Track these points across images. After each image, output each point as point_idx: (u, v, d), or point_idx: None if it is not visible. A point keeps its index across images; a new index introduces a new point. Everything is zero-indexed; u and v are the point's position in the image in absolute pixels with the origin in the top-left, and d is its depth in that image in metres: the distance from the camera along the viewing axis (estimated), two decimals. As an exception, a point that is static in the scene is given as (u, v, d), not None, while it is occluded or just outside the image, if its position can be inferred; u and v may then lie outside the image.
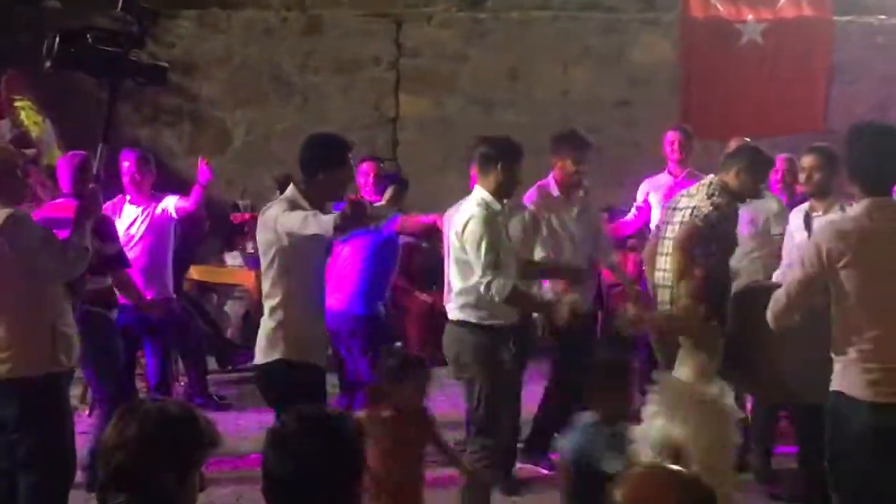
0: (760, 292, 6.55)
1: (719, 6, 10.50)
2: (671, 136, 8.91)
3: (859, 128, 5.20)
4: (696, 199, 6.91)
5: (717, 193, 6.84)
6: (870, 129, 5.21)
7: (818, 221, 6.88)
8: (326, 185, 5.82)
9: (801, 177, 7.45)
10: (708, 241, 6.79)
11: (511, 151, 6.44)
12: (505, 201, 6.49)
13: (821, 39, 10.52)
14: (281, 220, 5.60)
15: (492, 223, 6.23)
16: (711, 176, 7.11)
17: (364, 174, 8.40)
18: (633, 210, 9.20)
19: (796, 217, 7.29)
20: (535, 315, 7.40)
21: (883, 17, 12.81)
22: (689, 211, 6.86)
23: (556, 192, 7.56)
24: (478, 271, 6.18)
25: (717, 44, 10.40)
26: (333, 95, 13.26)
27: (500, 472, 6.82)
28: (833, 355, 5.08)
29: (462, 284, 6.31)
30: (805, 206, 7.26)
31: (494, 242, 6.20)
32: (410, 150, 12.75)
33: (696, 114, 10.02)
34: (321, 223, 5.43)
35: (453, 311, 6.44)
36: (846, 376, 5.00)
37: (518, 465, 7.69)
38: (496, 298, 6.17)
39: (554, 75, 13.07)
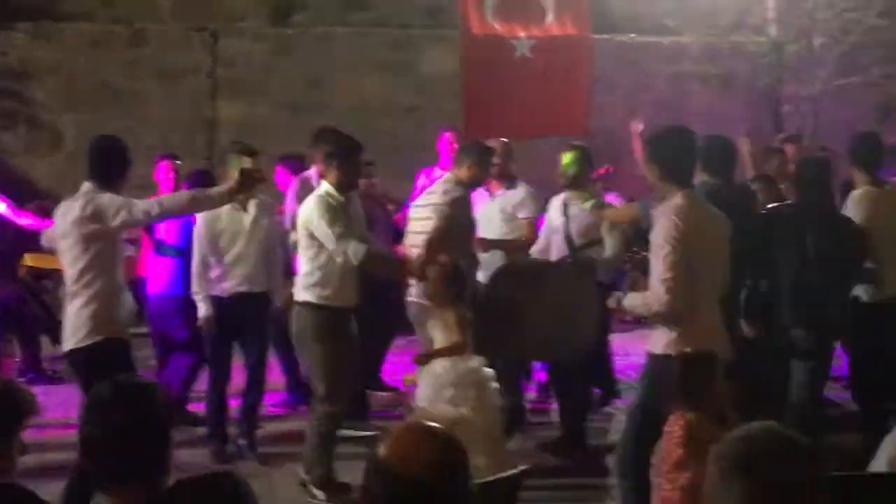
0: (513, 269, 7.07)
1: (495, 24, 10.13)
2: (447, 136, 9.09)
3: (661, 133, 5.30)
4: (434, 196, 6.85)
5: (452, 189, 6.77)
6: (671, 134, 5.28)
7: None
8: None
9: (559, 171, 7.59)
10: (449, 230, 6.70)
11: (349, 149, 6.40)
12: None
13: (582, 55, 10.19)
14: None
15: (334, 205, 6.16)
16: (447, 173, 7.10)
17: (164, 171, 8.23)
18: None
19: (555, 204, 7.39)
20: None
21: (633, 35, 13.37)
22: (429, 208, 6.78)
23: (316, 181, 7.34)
24: (331, 245, 6.11)
25: (493, 57, 10.02)
26: (156, 101, 13.19)
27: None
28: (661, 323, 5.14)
29: (308, 266, 6.19)
30: (563, 195, 7.36)
31: (339, 217, 6.14)
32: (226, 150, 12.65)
33: (476, 118, 9.75)
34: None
35: (300, 291, 6.25)
36: (680, 341, 5.02)
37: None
38: (354, 261, 6.12)
39: (352, 84, 13.27)
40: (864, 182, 6.86)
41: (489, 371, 5.97)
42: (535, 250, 7.57)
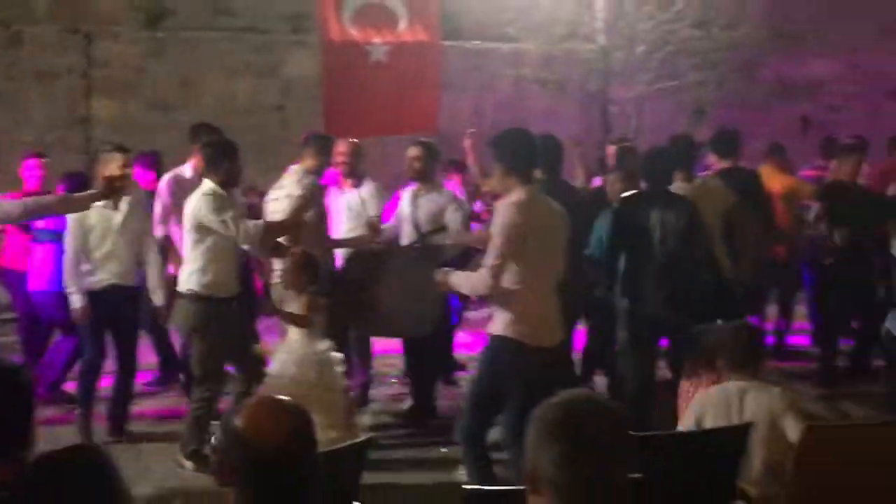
0: (363, 254, 7.20)
1: (352, 31, 10.09)
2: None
3: (503, 134, 5.29)
4: (287, 188, 6.83)
5: (302, 178, 6.83)
6: (509, 134, 5.31)
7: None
8: None
9: (407, 164, 7.61)
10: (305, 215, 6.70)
11: (232, 151, 6.35)
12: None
13: (432, 59, 10.29)
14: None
15: (222, 195, 6.14)
16: (295, 166, 7.08)
17: (29, 168, 8.03)
18: None
19: (405, 196, 7.44)
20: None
21: (478, 42, 13.41)
22: (282, 200, 6.79)
23: (189, 175, 7.19)
24: (230, 231, 6.10)
25: (350, 61, 10.00)
26: (33, 100, 12.83)
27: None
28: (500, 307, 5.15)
29: (193, 256, 6.14)
30: (412, 187, 7.41)
31: (227, 206, 6.13)
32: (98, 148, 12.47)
33: (336, 117, 9.71)
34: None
35: (182, 282, 6.22)
36: (511, 323, 5.08)
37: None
38: (252, 240, 6.24)
39: (220, 85, 13.15)
40: (679, 178, 7.02)
41: (335, 354, 6.02)
42: (386, 237, 7.53)
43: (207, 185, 6.20)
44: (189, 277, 6.12)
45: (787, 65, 14.26)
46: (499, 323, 5.11)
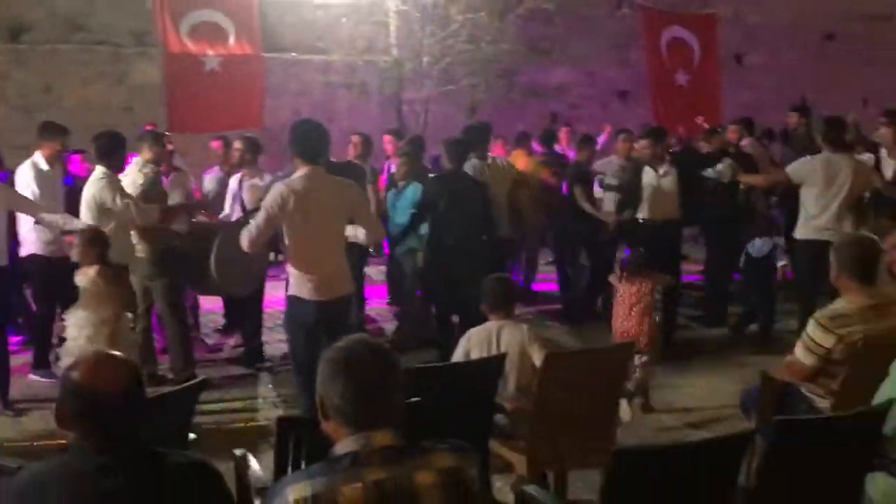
0: (197, 230, 6.93)
1: (189, 44, 10.27)
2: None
3: (297, 124, 5.13)
4: (130, 175, 6.50)
5: (143, 167, 6.59)
6: (302, 124, 5.15)
7: (246, 184, 7.28)
8: None
9: (235, 155, 7.75)
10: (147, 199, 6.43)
11: (121, 142, 6.28)
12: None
13: (256, 68, 10.56)
14: None
15: (117, 184, 6.07)
16: (136, 157, 6.76)
17: (75, 162, 8.11)
18: None
19: (233, 180, 7.55)
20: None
21: (294, 54, 13.65)
22: (127, 186, 6.36)
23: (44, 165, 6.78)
24: (130, 213, 6.07)
25: (188, 70, 10.17)
26: None
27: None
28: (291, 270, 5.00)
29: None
30: (239, 172, 7.53)
31: (123, 190, 6.07)
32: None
33: (177, 117, 10.04)
34: None
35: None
36: (297, 284, 4.95)
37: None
38: (147, 221, 6.18)
39: (77, 90, 12.88)
40: (475, 157, 7.36)
41: (126, 316, 5.62)
42: (223, 214, 7.41)
43: (101, 170, 6.05)
44: None
45: (538, 73, 14.80)
46: (290, 284, 5.01)
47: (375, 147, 8.86)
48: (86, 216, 6.05)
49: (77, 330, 5.38)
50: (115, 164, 6.17)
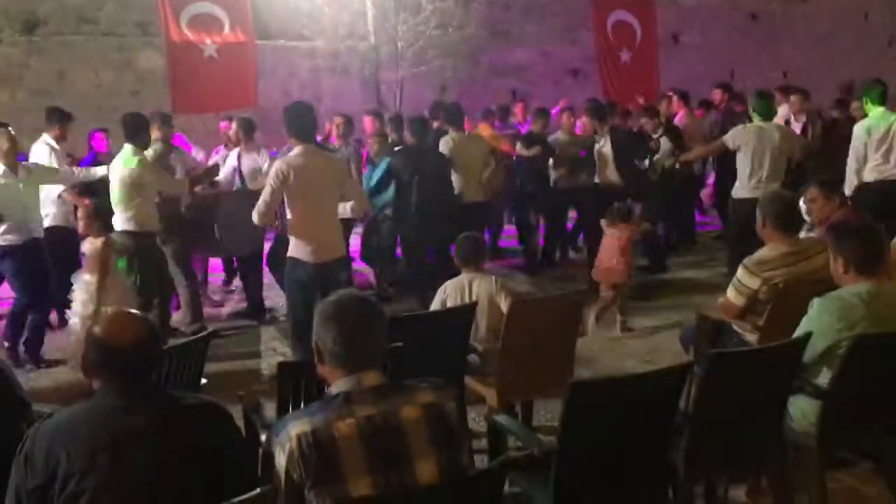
0: (199, 200, 6.79)
1: (189, 34, 10.17)
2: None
3: (290, 106, 5.06)
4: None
5: (153, 144, 6.48)
6: (294, 106, 5.08)
7: (244, 158, 7.13)
8: None
9: (232, 134, 7.58)
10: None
11: (146, 123, 6.14)
12: None
13: (249, 54, 10.49)
14: None
15: (147, 159, 5.99)
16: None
17: (98, 139, 7.93)
18: None
19: (233, 155, 7.38)
20: None
21: (283, 41, 13.41)
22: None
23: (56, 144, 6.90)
24: (168, 186, 6.18)
25: (188, 57, 10.07)
26: None
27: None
28: (291, 236, 4.93)
29: (129, 204, 5.85)
30: (237, 148, 7.35)
31: (155, 165, 6.16)
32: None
33: (180, 99, 9.95)
34: None
35: (120, 225, 5.86)
36: (296, 247, 4.92)
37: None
38: (178, 191, 6.27)
39: (90, 76, 12.65)
40: (453, 130, 7.33)
41: (127, 281, 5.51)
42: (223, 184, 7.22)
43: (131, 149, 5.87)
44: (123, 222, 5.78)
45: (499, 54, 14.64)
46: (290, 248, 4.98)
47: (356, 127, 8.62)
48: (118, 188, 5.86)
49: (82, 293, 5.24)
50: (142, 143, 6.04)
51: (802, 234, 4.37)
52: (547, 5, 15.15)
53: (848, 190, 6.43)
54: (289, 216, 4.94)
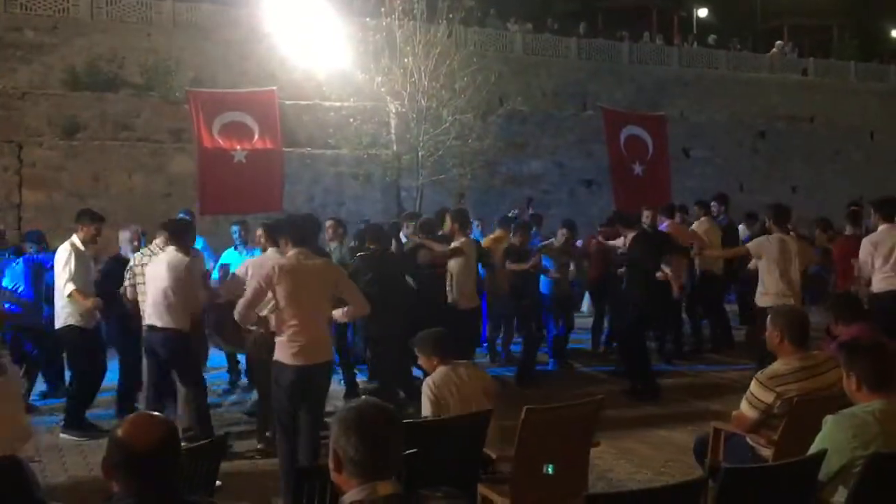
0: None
1: (220, 140, 10.35)
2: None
3: (291, 216, 5.08)
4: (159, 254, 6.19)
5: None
6: (295, 217, 5.07)
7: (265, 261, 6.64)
8: None
9: (257, 240, 7.12)
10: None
11: (190, 228, 6.16)
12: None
13: (277, 160, 10.63)
14: None
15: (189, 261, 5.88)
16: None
17: None
18: None
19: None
20: None
21: (310, 149, 13.94)
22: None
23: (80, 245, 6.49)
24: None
25: (219, 161, 10.24)
26: None
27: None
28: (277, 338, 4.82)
29: (172, 299, 5.77)
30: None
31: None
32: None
33: (208, 203, 10.19)
34: None
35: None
36: (280, 350, 4.80)
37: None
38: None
39: (122, 179, 13.02)
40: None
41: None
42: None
43: (175, 251, 5.79)
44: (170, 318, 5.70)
45: (516, 164, 15.16)
46: (275, 351, 4.85)
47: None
48: (169, 283, 5.76)
49: None
50: (187, 247, 5.94)
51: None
52: (562, 120, 15.60)
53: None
54: (274, 318, 4.86)
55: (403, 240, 8.24)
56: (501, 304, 8.56)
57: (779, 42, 25.22)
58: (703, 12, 29.65)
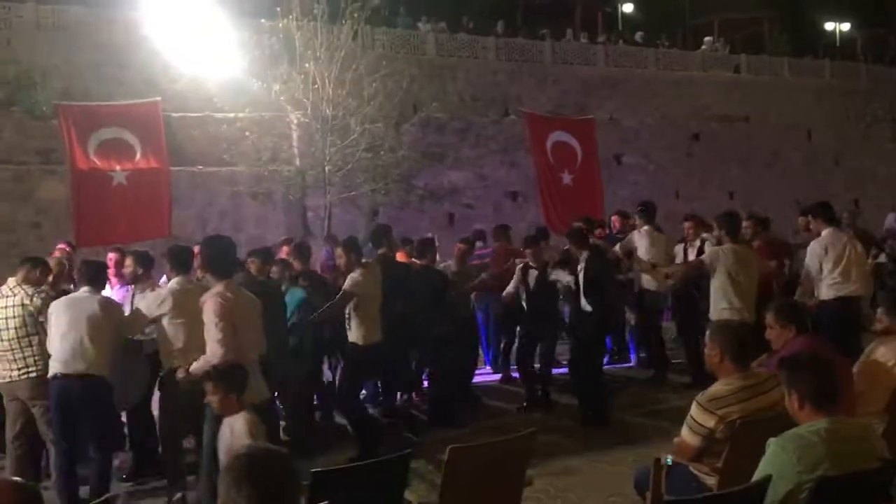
0: None
1: (96, 161, 10.19)
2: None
3: (210, 240, 5.20)
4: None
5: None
6: (213, 241, 5.24)
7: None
8: None
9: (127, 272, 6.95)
10: None
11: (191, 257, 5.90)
12: None
13: (163, 181, 10.44)
14: None
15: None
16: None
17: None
18: None
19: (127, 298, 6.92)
20: None
21: (201, 166, 13.71)
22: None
23: None
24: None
25: (97, 184, 10.09)
26: None
27: None
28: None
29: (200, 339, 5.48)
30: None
31: None
32: None
33: (85, 231, 9.91)
34: None
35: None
36: None
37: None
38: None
39: None
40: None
41: None
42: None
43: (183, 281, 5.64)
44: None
45: (434, 177, 15.23)
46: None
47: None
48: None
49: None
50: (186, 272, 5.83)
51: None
52: (483, 127, 15.77)
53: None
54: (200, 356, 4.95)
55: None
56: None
57: (708, 38, 26.17)
58: (628, 7, 30.50)
